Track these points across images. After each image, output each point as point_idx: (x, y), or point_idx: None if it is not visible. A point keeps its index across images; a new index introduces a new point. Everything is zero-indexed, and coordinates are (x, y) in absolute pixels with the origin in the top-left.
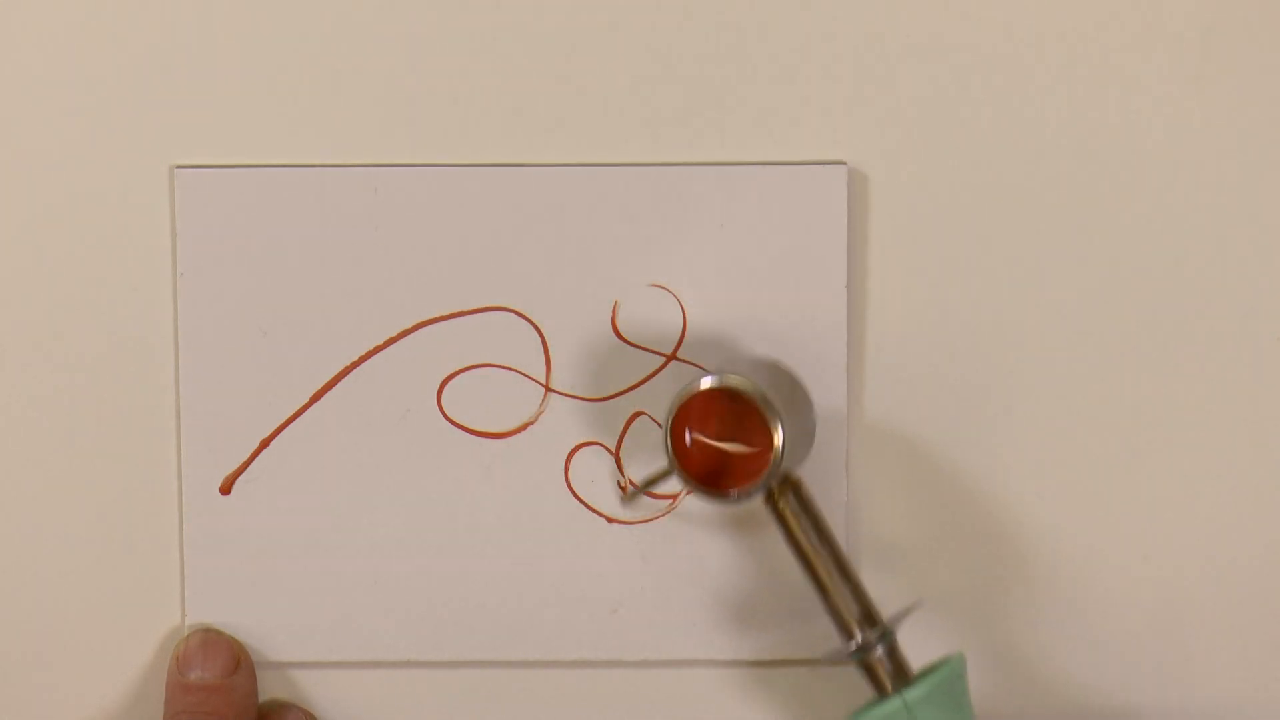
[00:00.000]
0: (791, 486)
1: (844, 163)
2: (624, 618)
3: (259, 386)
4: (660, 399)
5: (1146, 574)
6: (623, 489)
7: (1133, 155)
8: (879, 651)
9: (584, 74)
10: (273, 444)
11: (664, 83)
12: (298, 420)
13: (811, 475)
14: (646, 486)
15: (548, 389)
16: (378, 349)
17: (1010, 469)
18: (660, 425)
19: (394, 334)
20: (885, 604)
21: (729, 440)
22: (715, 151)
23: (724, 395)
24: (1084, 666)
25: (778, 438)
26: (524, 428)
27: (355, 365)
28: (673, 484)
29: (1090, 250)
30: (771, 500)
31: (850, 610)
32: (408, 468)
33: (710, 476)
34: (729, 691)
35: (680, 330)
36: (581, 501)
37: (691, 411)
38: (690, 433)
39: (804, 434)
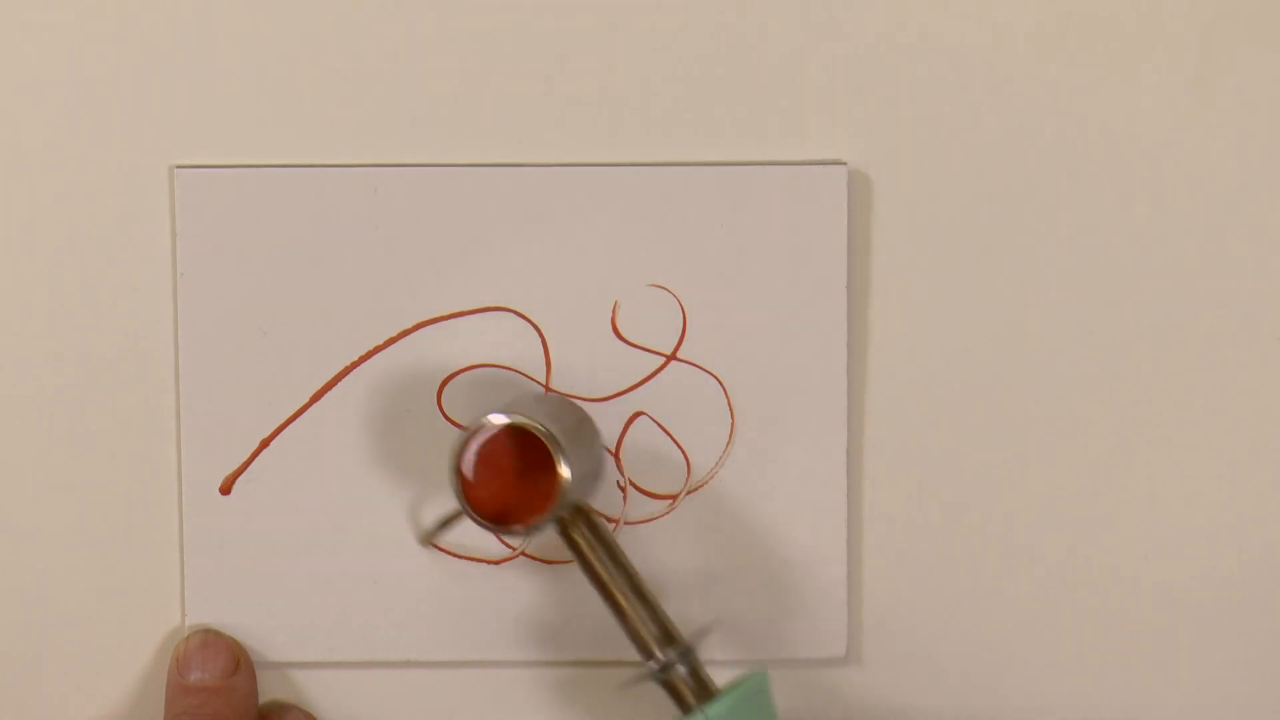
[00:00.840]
0: (582, 515)
1: (844, 163)
2: None
3: (259, 386)
4: (661, 399)
5: (1146, 574)
6: (423, 534)
7: (1133, 155)
8: (681, 670)
9: (584, 74)
10: (273, 444)
11: (664, 83)
12: (298, 420)
13: (810, 475)
14: (440, 528)
15: (548, 389)
16: (378, 349)
17: (1010, 468)
18: (662, 427)
19: (394, 334)
20: (888, 602)
21: (518, 476)
22: (715, 151)
23: (509, 433)
24: (1084, 666)
25: (564, 470)
26: None
27: (355, 365)
28: (467, 523)
29: (1090, 249)
30: (564, 530)
31: (649, 631)
32: (408, 468)
33: (500, 513)
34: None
35: (680, 330)
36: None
37: (474, 449)
38: (474, 470)
39: (591, 465)
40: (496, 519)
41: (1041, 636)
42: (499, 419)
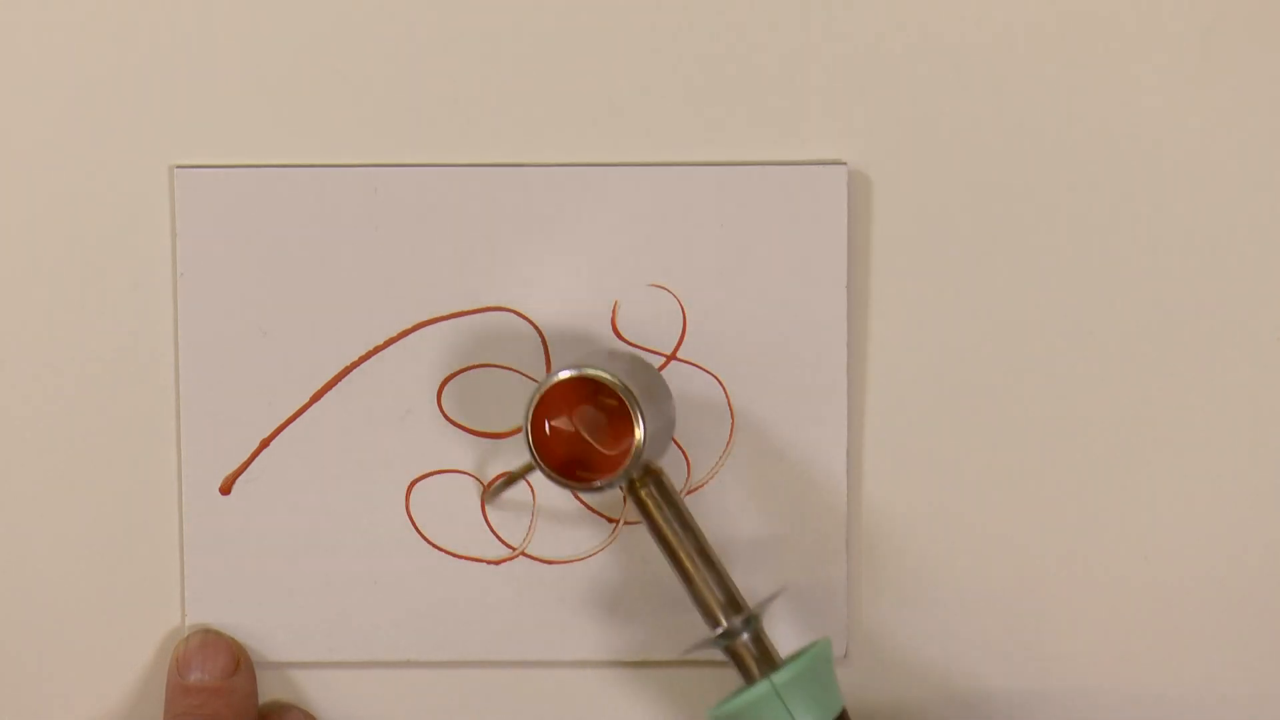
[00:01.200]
0: (652, 477)
1: (844, 163)
2: (623, 617)
3: (259, 386)
4: None
5: (1146, 574)
6: (486, 486)
7: (1133, 155)
8: (744, 637)
9: (584, 74)
10: (273, 444)
11: (664, 83)
12: (298, 420)
13: (811, 475)
14: (511, 482)
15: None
16: (378, 349)
17: (1010, 468)
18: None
19: (394, 334)
20: (888, 602)
21: (590, 432)
22: (715, 151)
23: (584, 386)
24: (1084, 666)
25: (638, 428)
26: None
27: (355, 365)
28: (537, 476)
29: (1089, 249)
30: (633, 490)
31: (715, 598)
32: (408, 468)
33: (571, 467)
34: (728, 692)
35: (680, 330)
36: (581, 502)
37: (552, 403)
38: (550, 424)
39: (664, 425)
40: (567, 474)
41: (1041, 636)
42: (574, 372)
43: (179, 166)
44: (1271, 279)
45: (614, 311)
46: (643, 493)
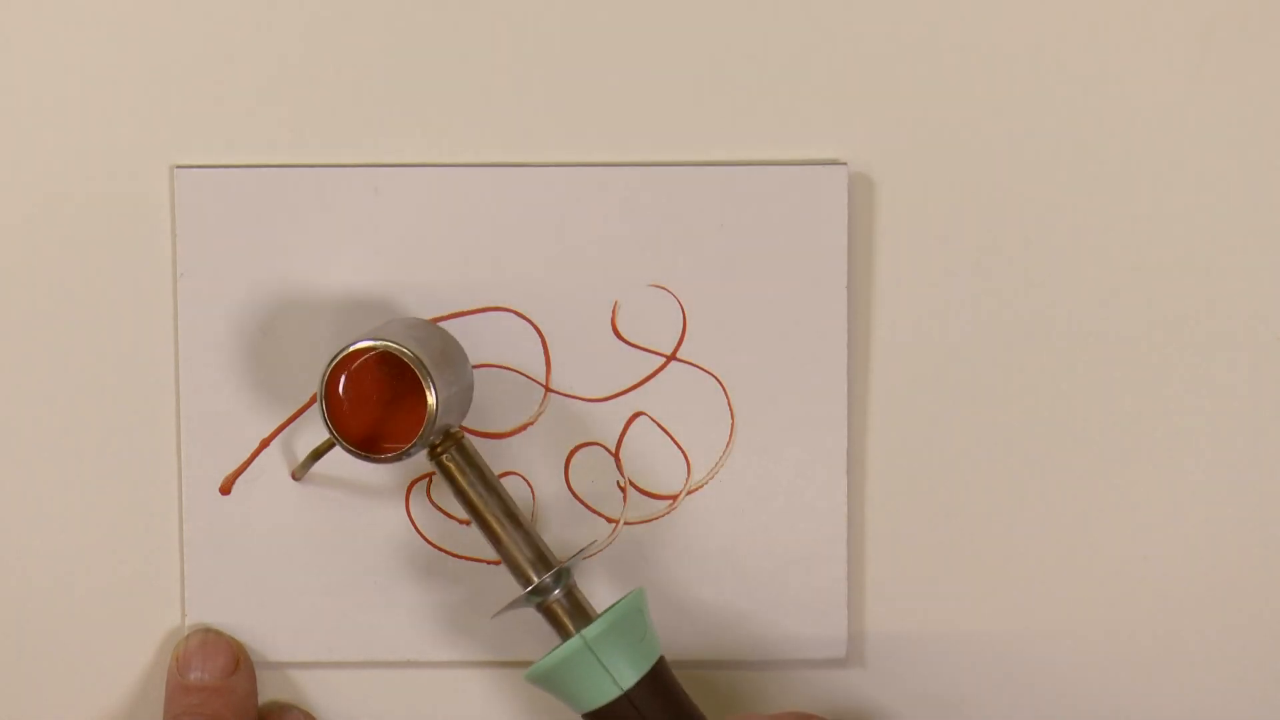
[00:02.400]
0: (453, 441)
1: (844, 163)
2: None
3: (259, 386)
4: (661, 399)
5: (1146, 574)
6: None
7: (1132, 155)
8: (556, 594)
9: (584, 74)
10: (273, 444)
11: (664, 83)
12: (298, 420)
13: (811, 474)
14: (314, 459)
15: (548, 389)
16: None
17: (1010, 468)
18: (662, 427)
19: None
20: (888, 602)
21: (388, 403)
22: (715, 151)
23: (376, 360)
24: (1084, 666)
25: (430, 395)
26: (524, 428)
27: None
28: (339, 451)
29: (1090, 249)
30: (435, 456)
31: (524, 555)
32: (408, 468)
33: (370, 440)
34: (728, 692)
35: (680, 330)
36: (581, 501)
37: (346, 377)
38: (345, 397)
39: (459, 389)
40: (367, 446)
41: (1042, 636)
42: (365, 344)
43: (179, 166)
44: (1271, 279)
45: (614, 311)
46: (444, 458)
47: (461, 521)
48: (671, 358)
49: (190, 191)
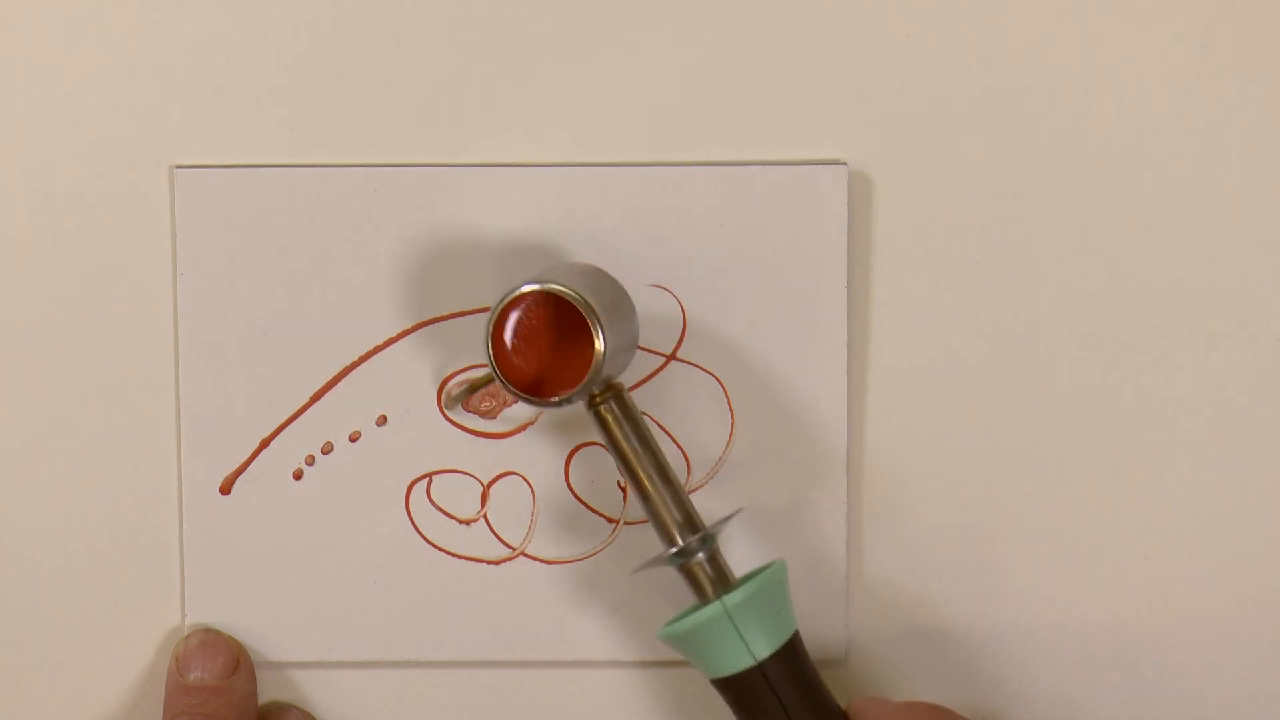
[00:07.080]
0: (614, 393)
1: (844, 163)
2: (624, 618)
3: (259, 386)
4: (661, 399)
5: (1146, 574)
6: (441, 389)
7: (1133, 155)
8: (700, 557)
9: (584, 74)
10: (273, 444)
11: (664, 83)
12: (298, 420)
13: (811, 474)
14: (470, 392)
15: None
16: (378, 349)
17: (1010, 468)
18: (662, 427)
19: (394, 334)
20: (888, 603)
21: (553, 346)
22: (715, 151)
23: (546, 301)
24: (1084, 666)
25: (599, 342)
26: (524, 428)
27: (355, 365)
28: (496, 388)
29: (1089, 249)
30: (594, 406)
31: (672, 516)
32: (407, 468)
33: (532, 383)
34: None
35: (680, 330)
36: (581, 501)
37: (513, 318)
38: (511, 338)
39: (626, 340)
40: (529, 389)
41: (1042, 637)
42: (537, 286)
43: (179, 166)
44: (1271, 279)
45: None
46: (603, 408)
47: (462, 521)
48: (671, 358)
49: (190, 191)
